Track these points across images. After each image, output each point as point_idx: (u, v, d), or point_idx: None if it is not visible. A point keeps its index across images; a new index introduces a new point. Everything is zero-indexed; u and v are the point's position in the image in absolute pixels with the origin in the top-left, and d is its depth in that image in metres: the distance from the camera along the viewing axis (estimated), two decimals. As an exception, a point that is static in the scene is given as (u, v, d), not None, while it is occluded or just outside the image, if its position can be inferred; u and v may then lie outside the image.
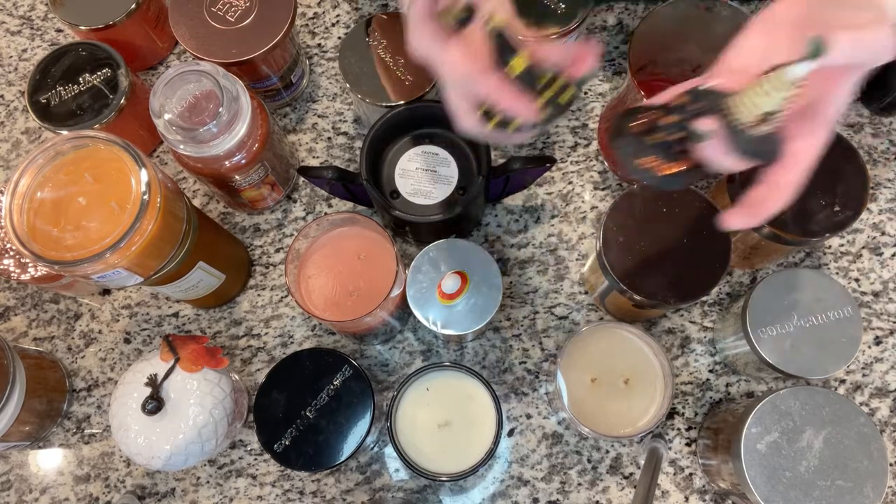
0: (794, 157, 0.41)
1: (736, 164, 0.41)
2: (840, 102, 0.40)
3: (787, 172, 0.41)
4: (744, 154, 0.40)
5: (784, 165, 0.41)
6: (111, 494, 0.69)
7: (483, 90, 0.42)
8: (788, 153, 0.41)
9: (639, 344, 0.62)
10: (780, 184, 0.42)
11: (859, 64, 0.38)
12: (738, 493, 0.58)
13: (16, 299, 0.75)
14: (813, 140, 0.41)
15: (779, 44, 0.41)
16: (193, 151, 0.60)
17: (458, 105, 0.44)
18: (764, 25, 0.42)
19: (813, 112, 0.40)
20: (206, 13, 0.73)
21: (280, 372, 0.61)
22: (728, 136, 0.39)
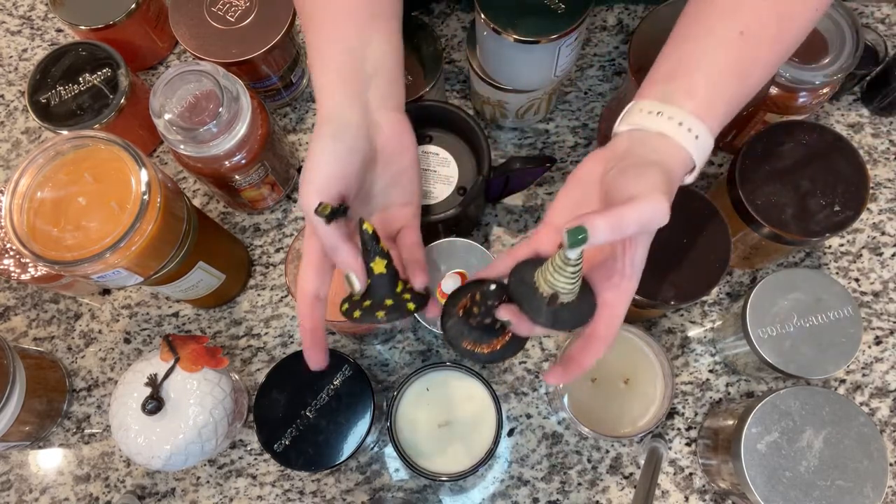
0: (607, 310, 0.43)
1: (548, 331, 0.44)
2: (639, 258, 0.43)
3: (601, 325, 0.44)
4: (554, 325, 0.43)
5: (598, 319, 0.44)
6: (111, 494, 0.69)
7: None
8: (600, 306, 0.44)
9: (639, 344, 0.62)
10: (595, 337, 0.44)
11: (638, 232, 0.40)
12: (738, 493, 0.58)
13: (16, 299, 0.75)
14: (621, 292, 0.43)
15: (590, 197, 0.45)
16: (193, 151, 0.60)
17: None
18: (576, 183, 0.46)
19: (617, 267, 0.43)
20: (206, 13, 0.73)
21: (280, 372, 0.61)
22: (531, 314, 0.42)
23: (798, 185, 0.60)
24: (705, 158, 0.45)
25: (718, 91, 0.44)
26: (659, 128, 0.43)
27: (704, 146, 0.44)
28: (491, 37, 0.63)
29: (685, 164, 0.44)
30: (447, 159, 0.67)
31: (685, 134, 0.43)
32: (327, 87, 0.48)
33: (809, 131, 0.61)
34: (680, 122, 0.43)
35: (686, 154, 0.43)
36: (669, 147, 0.43)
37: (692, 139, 0.43)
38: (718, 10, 0.45)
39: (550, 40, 0.61)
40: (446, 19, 0.82)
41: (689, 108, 0.43)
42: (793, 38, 0.46)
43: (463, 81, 0.80)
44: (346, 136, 0.47)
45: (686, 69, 0.45)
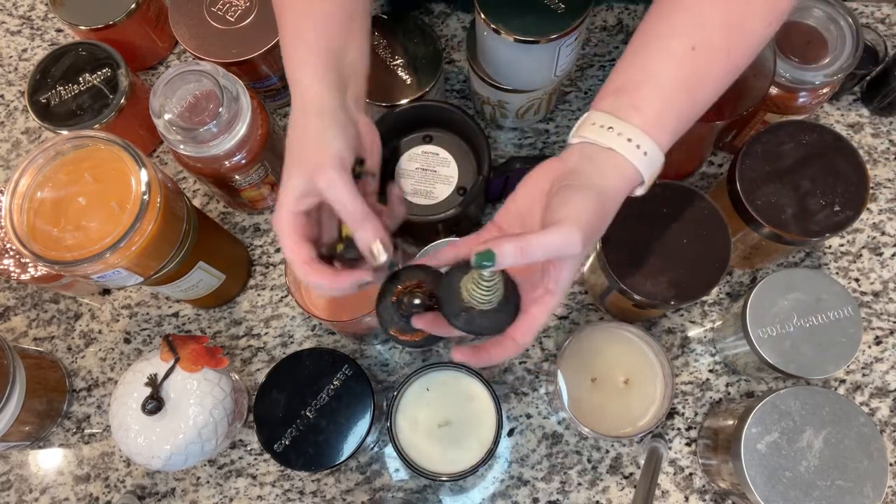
0: (527, 320, 0.45)
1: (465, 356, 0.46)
2: (563, 278, 0.44)
3: (518, 331, 0.45)
4: (469, 331, 0.45)
5: (517, 324, 0.45)
6: (111, 494, 0.69)
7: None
8: (522, 314, 0.45)
9: (639, 344, 0.62)
10: (511, 338, 0.45)
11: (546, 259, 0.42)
12: (738, 493, 0.58)
13: (16, 299, 0.75)
14: (542, 305, 0.45)
15: (536, 207, 0.46)
16: (193, 151, 0.60)
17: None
18: (526, 192, 0.47)
19: (542, 282, 0.45)
20: (206, 13, 0.73)
21: (280, 372, 0.61)
22: (449, 317, 0.45)
23: (798, 185, 0.60)
24: (656, 173, 0.46)
25: (668, 107, 0.45)
26: (609, 143, 0.44)
27: (653, 162, 0.45)
28: (491, 37, 0.63)
29: (632, 181, 0.45)
30: (447, 159, 0.67)
31: (634, 151, 0.44)
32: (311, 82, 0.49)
33: (809, 131, 0.61)
34: (629, 138, 0.44)
35: (634, 170, 0.44)
36: (617, 164, 0.44)
37: (641, 155, 0.44)
38: (671, 24, 0.46)
39: (550, 40, 0.61)
40: (446, 19, 0.82)
41: (639, 125, 0.44)
42: (745, 53, 0.47)
43: (463, 81, 0.80)
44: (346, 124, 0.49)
45: (637, 83, 0.45)
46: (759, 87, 0.60)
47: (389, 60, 0.69)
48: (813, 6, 0.66)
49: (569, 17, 0.61)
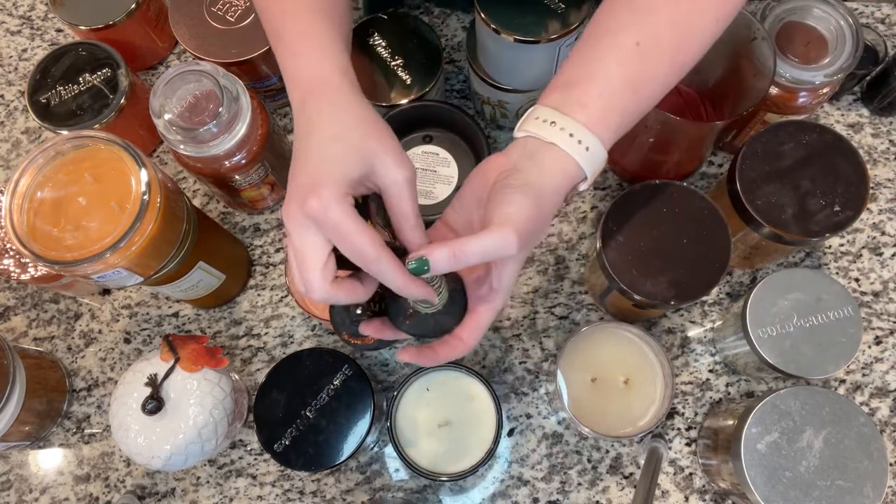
0: (473, 319, 0.46)
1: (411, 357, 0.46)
2: (506, 277, 0.45)
3: (465, 331, 0.46)
4: (415, 333, 0.46)
5: (463, 325, 0.46)
6: (111, 494, 0.69)
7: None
8: (469, 314, 0.46)
9: (639, 344, 0.62)
10: (458, 338, 0.46)
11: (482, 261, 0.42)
12: (738, 493, 0.58)
13: (16, 299, 0.75)
14: (488, 304, 0.45)
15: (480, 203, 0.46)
16: (193, 151, 0.60)
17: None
18: (471, 189, 0.47)
19: (487, 281, 0.46)
20: (206, 13, 0.73)
21: (280, 372, 0.61)
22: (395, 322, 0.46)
23: (798, 185, 0.60)
24: (598, 169, 0.46)
25: (612, 104, 0.45)
26: (551, 138, 0.44)
27: (596, 157, 0.45)
28: (491, 37, 0.63)
29: (573, 176, 0.45)
30: (447, 159, 0.67)
31: (575, 146, 0.44)
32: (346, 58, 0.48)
33: (809, 131, 0.61)
34: (571, 133, 0.44)
35: (575, 165, 0.44)
36: (558, 159, 0.44)
37: (583, 151, 0.44)
38: (618, 20, 0.46)
39: (550, 40, 0.61)
40: (446, 19, 0.82)
41: (582, 120, 0.44)
42: (692, 51, 0.47)
43: (463, 81, 0.80)
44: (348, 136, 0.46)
45: (584, 79, 0.45)
46: (759, 87, 0.60)
47: (389, 60, 0.69)
48: (813, 6, 0.66)
49: (569, 17, 0.61)
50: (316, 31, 0.47)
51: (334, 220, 0.40)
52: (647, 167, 0.69)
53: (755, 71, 0.61)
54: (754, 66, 0.61)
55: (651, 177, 0.62)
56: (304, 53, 0.47)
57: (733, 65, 0.64)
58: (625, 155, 0.70)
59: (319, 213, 0.40)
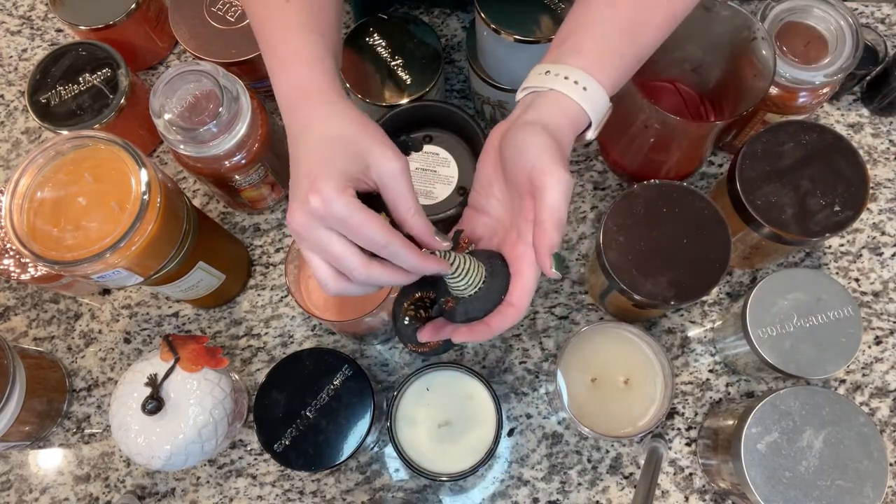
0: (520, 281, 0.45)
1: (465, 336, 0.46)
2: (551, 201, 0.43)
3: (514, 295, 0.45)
4: (469, 319, 0.46)
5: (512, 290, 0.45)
6: (111, 494, 0.69)
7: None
8: (514, 278, 0.46)
9: (639, 344, 0.62)
10: (509, 304, 0.45)
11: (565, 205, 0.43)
12: (738, 493, 0.58)
13: (16, 299, 0.75)
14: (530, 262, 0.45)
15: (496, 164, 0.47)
16: (193, 151, 0.60)
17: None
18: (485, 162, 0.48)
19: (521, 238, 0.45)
20: (206, 13, 0.73)
21: (280, 372, 0.61)
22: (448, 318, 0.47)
23: (798, 185, 0.60)
24: (602, 113, 0.47)
25: (606, 46, 0.46)
26: (548, 85, 0.45)
27: (595, 98, 0.45)
28: (491, 37, 0.63)
29: (576, 117, 0.45)
30: (447, 159, 0.67)
31: (572, 87, 0.45)
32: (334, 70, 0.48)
33: (809, 131, 0.61)
34: (566, 76, 0.45)
35: (575, 105, 0.45)
36: (557, 100, 0.45)
37: (580, 91, 0.45)
38: None
39: (550, 40, 0.61)
40: (446, 19, 0.82)
41: (577, 64, 0.46)
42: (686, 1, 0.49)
43: (463, 81, 0.80)
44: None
45: (575, 31, 0.47)
46: (759, 87, 0.60)
47: (389, 60, 0.69)
48: (813, 6, 0.66)
49: (569, 17, 0.61)
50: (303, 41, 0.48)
51: (340, 213, 0.41)
52: (647, 167, 0.69)
53: (755, 71, 0.61)
54: (754, 66, 0.61)
55: (651, 177, 0.62)
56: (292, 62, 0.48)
57: (733, 65, 0.64)
58: (625, 155, 0.70)
59: (323, 208, 0.41)
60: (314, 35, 0.49)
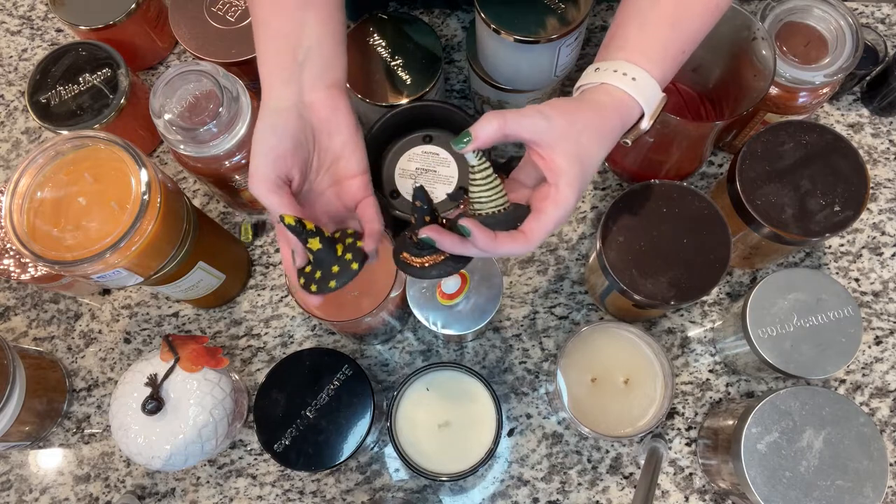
0: (537, 213, 0.46)
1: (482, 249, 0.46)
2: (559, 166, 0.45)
3: (528, 223, 0.46)
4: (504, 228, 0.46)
5: (529, 220, 0.46)
6: (111, 494, 0.69)
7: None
8: (534, 212, 0.46)
9: (639, 344, 0.62)
10: (521, 231, 0.46)
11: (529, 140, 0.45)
12: (738, 493, 0.58)
13: (16, 299, 0.75)
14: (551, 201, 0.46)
15: None
16: (193, 151, 0.60)
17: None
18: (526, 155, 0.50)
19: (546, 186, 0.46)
20: (206, 13, 0.73)
21: (280, 372, 0.61)
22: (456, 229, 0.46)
23: (798, 185, 0.60)
24: (655, 103, 0.49)
25: (650, 39, 0.49)
26: (600, 79, 0.48)
27: (645, 88, 0.48)
28: (491, 37, 0.63)
29: (627, 106, 0.47)
30: (447, 159, 0.67)
31: (621, 78, 0.47)
32: (265, 76, 0.50)
33: (809, 131, 0.61)
34: (615, 70, 0.47)
35: (625, 95, 0.47)
36: (606, 90, 0.47)
37: (629, 81, 0.47)
38: None
39: (550, 40, 0.61)
40: (446, 19, 0.82)
41: (623, 58, 0.48)
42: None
43: (463, 81, 0.80)
44: (277, 120, 0.49)
45: (621, 27, 0.50)
46: (759, 87, 0.60)
47: (389, 60, 0.69)
48: (813, 6, 0.66)
49: (569, 17, 0.61)
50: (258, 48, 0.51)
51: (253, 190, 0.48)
52: (647, 167, 0.69)
53: (755, 71, 0.61)
54: (754, 66, 0.61)
55: (651, 177, 0.62)
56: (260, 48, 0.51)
57: (733, 65, 0.64)
58: (625, 155, 0.70)
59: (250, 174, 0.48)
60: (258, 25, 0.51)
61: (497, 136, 0.44)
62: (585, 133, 0.46)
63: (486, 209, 0.46)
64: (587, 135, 0.46)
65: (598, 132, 0.46)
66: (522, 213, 0.46)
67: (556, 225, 0.46)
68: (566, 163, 0.45)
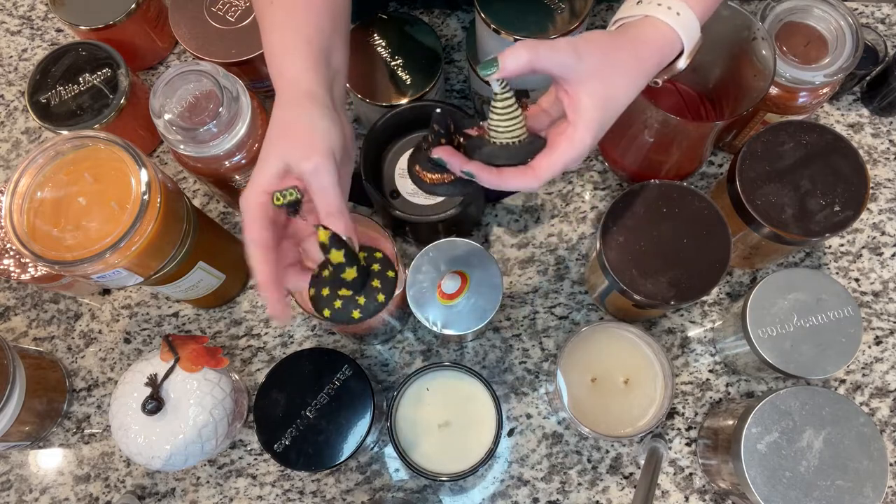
0: (550, 150, 0.45)
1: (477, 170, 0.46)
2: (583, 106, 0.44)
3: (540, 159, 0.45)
4: (489, 160, 0.46)
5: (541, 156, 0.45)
6: (111, 494, 0.69)
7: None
8: (548, 147, 0.46)
9: (639, 344, 0.62)
10: (531, 167, 0.46)
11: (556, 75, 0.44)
12: (738, 493, 0.58)
13: (16, 299, 0.75)
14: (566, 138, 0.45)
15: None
16: (193, 151, 0.60)
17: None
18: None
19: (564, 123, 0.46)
20: (206, 13, 0.73)
21: (280, 372, 0.61)
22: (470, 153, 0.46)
23: (798, 185, 0.60)
24: (694, 40, 0.48)
25: None
26: (642, 11, 0.47)
27: (688, 24, 0.47)
28: (491, 37, 0.63)
29: (669, 41, 0.47)
30: (447, 159, 0.67)
31: (665, 11, 0.46)
32: (303, 72, 0.50)
33: (809, 131, 0.61)
34: (659, 3, 0.46)
35: (669, 29, 0.46)
36: (650, 22, 0.46)
37: (674, 15, 0.46)
38: None
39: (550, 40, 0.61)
40: (446, 19, 0.82)
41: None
42: None
43: (463, 81, 0.80)
44: (336, 119, 0.49)
45: None
46: (759, 87, 0.60)
47: (389, 60, 0.69)
48: (813, 6, 0.66)
49: (569, 17, 0.61)
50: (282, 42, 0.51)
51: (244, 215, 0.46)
52: (647, 167, 0.69)
53: (755, 71, 0.61)
54: (754, 66, 0.61)
55: (651, 177, 0.62)
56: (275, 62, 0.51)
57: (733, 65, 0.64)
58: (625, 155, 0.70)
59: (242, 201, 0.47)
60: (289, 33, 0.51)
61: (526, 69, 0.43)
62: (619, 73, 0.45)
63: (501, 139, 0.45)
64: (620, 75, 0.45)
65: (633, 72, 0.45)
66: (538, 147, 0.46)
67: (566, 164, 0.45)
68: (591, 103, 0.44)
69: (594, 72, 0.44)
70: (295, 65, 0.50)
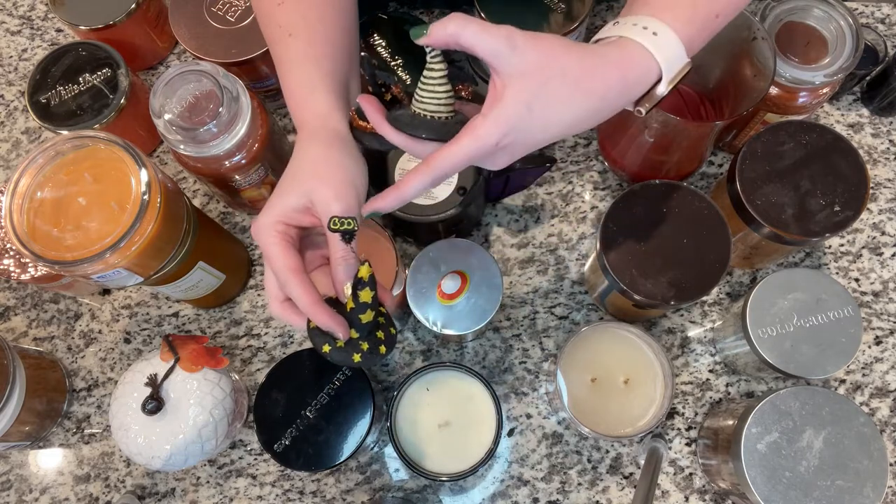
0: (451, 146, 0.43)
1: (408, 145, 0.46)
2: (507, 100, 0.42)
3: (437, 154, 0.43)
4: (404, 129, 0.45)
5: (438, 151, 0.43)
6: (111, 494, 0.69)
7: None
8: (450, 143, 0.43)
9: (639, 344, 0.62)
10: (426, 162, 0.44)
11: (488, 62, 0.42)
12: (738, 493, 0.58)
13: (16, 299, 0.75)
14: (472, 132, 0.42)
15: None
16: (193, 151, 0.60)
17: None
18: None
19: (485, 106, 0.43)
20: (206, 13, 0.73)
21: (280, 372, 0.61)
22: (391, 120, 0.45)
23: (798, 185, 0.60)
24: (674, 64, 0.44)
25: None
26: (618, 32, 0.44)
27: (666, 45, 0.43)
28: (491, 37, 0.62)
29: (638, 63, 0.43)
30: (447, 159, 0.67)
31: (640, 32, 0.43)
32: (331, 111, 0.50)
33: (809, 131, 0.61)
34: (634, 23, 0.43)
35: (640, 50, 0.43)
36: (622, 45, 0.43)
37: (649, 35, 0.43)
38: None
39: (550, 40, 0.61)
40: (446, 19, 0.82)
41: (645, 12, 0.44)
42: None
43: (463, 81, 0.80)
44: (361, 159, 0.49)
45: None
46: (759, 87, 0.60)
47: (389, 60, 0.69)
48: (813, 6, 0.66)
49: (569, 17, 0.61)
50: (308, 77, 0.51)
51: (260, 243, 0.47)
52: (647, 167, 0.69)
53: (755, 71, 0.61)
54: (754, 66, 0.61)
55: (651, 177, 0.62)
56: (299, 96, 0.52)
57: (733, 65, 0.64)
58: (625, 155, 0.70)
59: (255, 235, 0.47)
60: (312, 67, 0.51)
61: (449, 41, 0.41)
62: (559, 83, 0.41)
63: (418, 108, 0.44)
64: (559, 84, 0.41)
65: (576, 85, 0.41)
66: (454, 129, 0.44)
67: (464, 159, 0.42)
68: (512, 101, 0.41)
69: (528, 71, 0.41)
70: (321, 102, 0.50)
